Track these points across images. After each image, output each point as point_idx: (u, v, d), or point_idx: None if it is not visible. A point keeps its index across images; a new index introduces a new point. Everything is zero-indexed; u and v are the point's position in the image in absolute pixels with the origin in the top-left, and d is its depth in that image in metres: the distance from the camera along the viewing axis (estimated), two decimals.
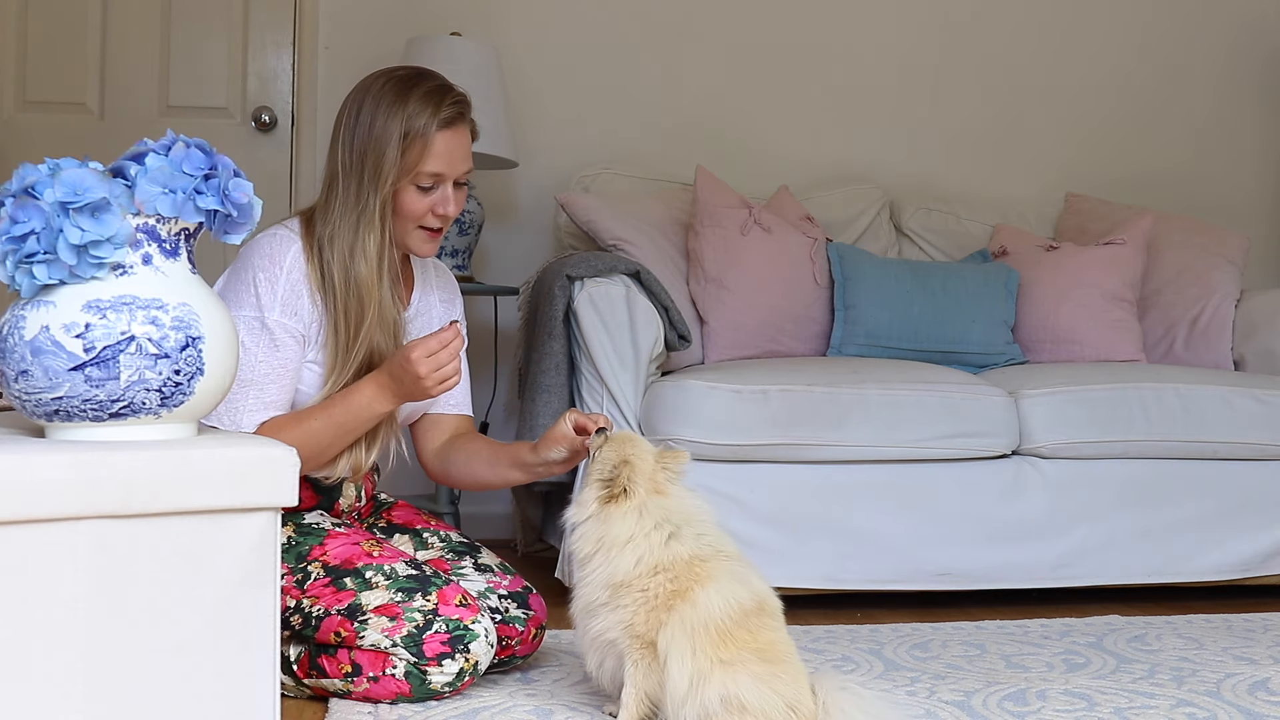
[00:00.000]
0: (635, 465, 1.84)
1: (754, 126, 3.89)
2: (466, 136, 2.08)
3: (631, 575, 1.78)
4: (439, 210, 2.06)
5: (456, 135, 2.05)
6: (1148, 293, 3.52)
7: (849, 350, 3.18)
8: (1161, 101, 4.21)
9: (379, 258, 2.03)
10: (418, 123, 2.00)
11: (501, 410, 3.70)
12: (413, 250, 2.11)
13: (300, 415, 2.00)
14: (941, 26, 4.05)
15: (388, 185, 2.01)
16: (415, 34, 3.48)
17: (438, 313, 2.27)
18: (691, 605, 1.75)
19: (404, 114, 2.00)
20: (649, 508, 1.82)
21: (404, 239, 2.08)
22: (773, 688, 1.70)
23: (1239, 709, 1.99)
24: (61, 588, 1.34)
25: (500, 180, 3.72)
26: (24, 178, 1.41)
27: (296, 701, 1.98)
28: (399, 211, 2.05)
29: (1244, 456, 2.95)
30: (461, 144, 2.06)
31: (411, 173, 2.02)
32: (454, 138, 2.04)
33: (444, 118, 2.02)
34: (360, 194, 2.01)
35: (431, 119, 2.01)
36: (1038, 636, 2.52)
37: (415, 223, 2.07)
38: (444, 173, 2.04)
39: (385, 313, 2.04)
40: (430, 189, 2.05)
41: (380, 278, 2.03)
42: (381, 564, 1.98)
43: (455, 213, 2.09)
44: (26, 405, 1.44)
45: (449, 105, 2.03)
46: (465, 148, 2.07)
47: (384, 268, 2.04)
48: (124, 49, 3.62)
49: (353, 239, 2.01)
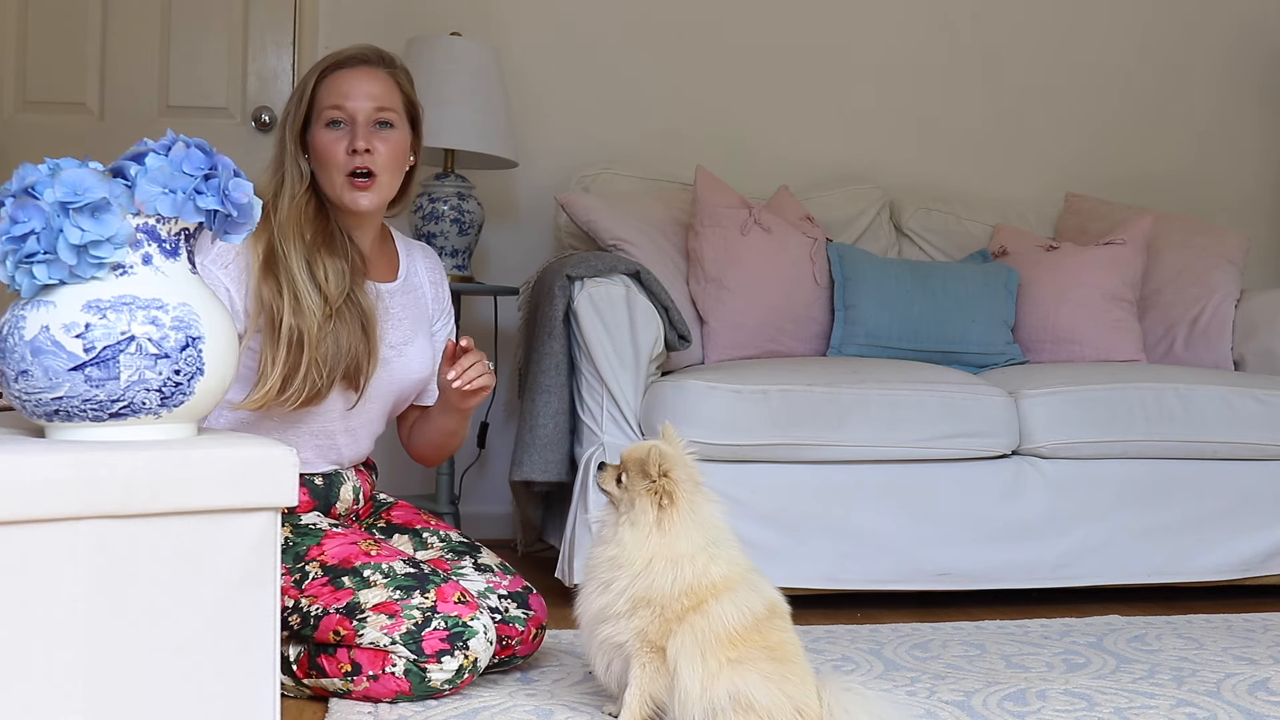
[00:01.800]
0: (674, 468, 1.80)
1: (754, 126, 3.89)
2: (373, 78, 2.11)
3: (666, 594, 1.75)
4: (352, 147, 2.06)
5: (356, 73, 2.10)
6: (1148, 293, 3.52)
7: (849, 350, 3.18)
8: (1162, 102, 4.21)
9: (299, 226, 2.05)
10: (311, 71, 2.12)
11: (501, 410, 3.70)
12: (347, 203, 2.09)
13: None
14: (941, 27, 4.05)
15: (289, 126, 2.08)
16: (415, 34, 3.47)
17: (427, 293, 2.28)
18: (704, 615, 1.74)
19: (312, 68, 2.13)
20: (702, 519, 1.80)
21: (335, 191, 2.09)
22: (781, 688, 1.70)
23: (1239, 709, 1.99)
24: (61, 588, 1.34)
25: (500, 180, 3.72)
26: (24, 178, 1.41)
27: (296, 701, 1.98)
28: (319, 158, 2.08)
29: (1244, 456, 2.95)
30: (363, 81, 2.09)
31: (313, 110, 2.08)
32: (352, 75, 2.10)
33: (339, 59, 2.12)
34: (279, 146, 2.11)
35: (319, 65, 2.12)
36: (1038, 636, 2.52)
37: (336, 167, 2.07)
38: (341, 104, 2.07)
39: (298, 286, 2.01)
40: (339, 127, 2.07)
41: (299, 245, 2.03)
42: (379, 562, 1.98)
43: (385, 154, 2.08)
44: (26, 405, 1.44)
45: (343, 52, 2.13)
46: (369, 86, 2.09)
47: (311, 237, 2.05)
48: (124, 49, 3.61)
49: (274, 192, 2.07)
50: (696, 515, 1.80)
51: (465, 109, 3.26)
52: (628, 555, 1.78)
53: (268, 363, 1.99)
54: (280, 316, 1.99)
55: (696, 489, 1.82)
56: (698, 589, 1.75)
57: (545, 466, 2.74)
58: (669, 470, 1.79)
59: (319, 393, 2.02)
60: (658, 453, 1.80)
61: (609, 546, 1.82)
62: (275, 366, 1.99)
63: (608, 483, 1.85)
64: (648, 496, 1.79)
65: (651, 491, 1.79)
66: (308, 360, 1.99)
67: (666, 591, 1.75)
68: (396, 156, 2.11)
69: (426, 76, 3.09)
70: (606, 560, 1.82)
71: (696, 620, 1.74)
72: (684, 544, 1.77)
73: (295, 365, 1.98)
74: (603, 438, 2.69)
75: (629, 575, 1.77)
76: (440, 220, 3.30)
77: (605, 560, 1.82)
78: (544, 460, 2.74)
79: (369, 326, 2.07)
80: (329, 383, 2.02)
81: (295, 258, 2.01)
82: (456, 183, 3.34)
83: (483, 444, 3.66)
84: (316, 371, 2.00)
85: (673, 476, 1.79)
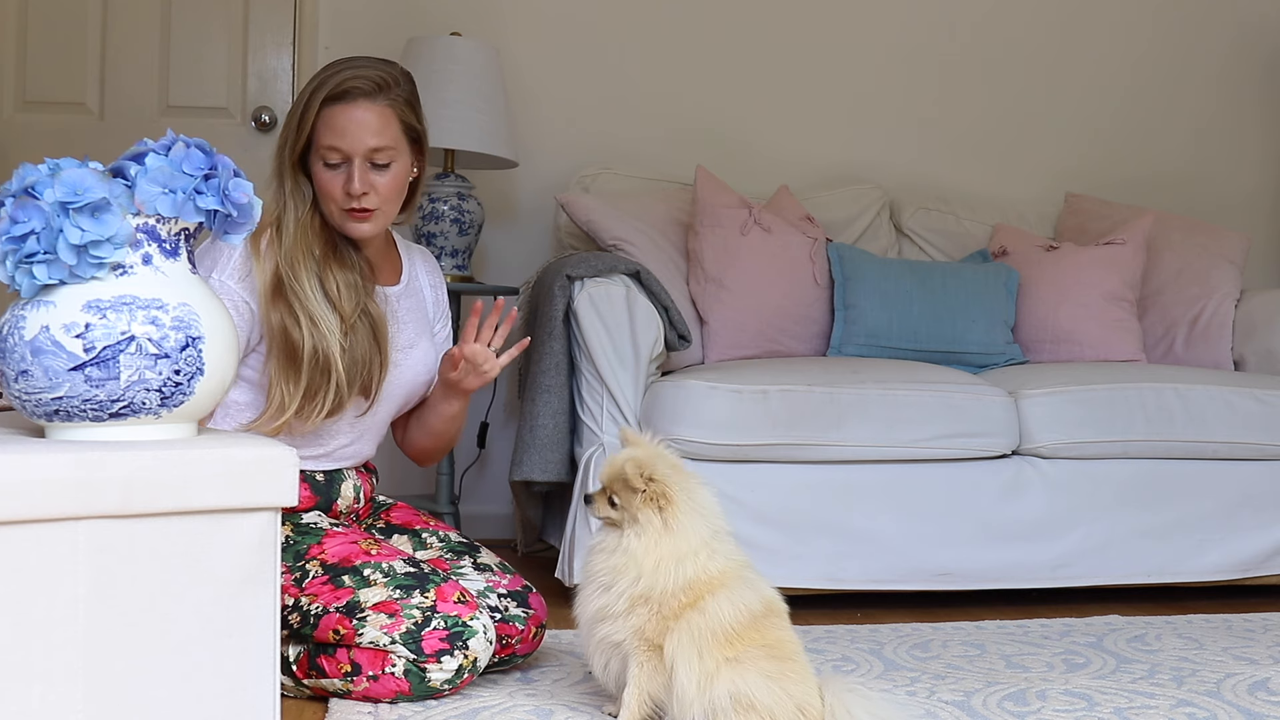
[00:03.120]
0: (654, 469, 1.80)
1: (754, 126, 3.89)
2: (370, 114, 2.02)
3: (667, 591, 1.75)
4: (348, 189, 2.02)
5: (354, 110, 2.01)
6: (1148, 293, 3.52)
7: (849, 350, 3.18)
8: (1162, 102, 4.21)
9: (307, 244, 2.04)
10: (316, 94, 2.02)
11: (501, 410, 3.70)
12: (346, 233, 2.09)
13: None
14: (942, 27, 4.05)
15: (288, 153, 2.04)
16: (415, 34, 3.47)
17: (428, 295, 2.29)
18: (700, 613, 1.74)
19: (312, 86, 2.04)
20: (700, 505, 1.80)
21: (335, 222, 2.08)
22: (783, 687, 1.70)
23: (1239, 709, 1.99)
24: (61, 588, 1.34)
25: (500, 180, 3.72)
26: (24, 178, 1.41)
27: (296, 701, 1.98)
28: (319, 190, 2.07)
29: (1244, 456, 2.95)
30: (360, 119, 2.01)
31: (310, 144, 2.03)
32: (350, 111, 2.01)
33: (331, 93, 2.01)
34: (278, 172, 2.07)
35: (319, 92, 2.01)
36: (1038, 636, 2.52)
37: (334, 203, 2.05)
38: (338, 146, 2.01)
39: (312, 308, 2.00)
40: (336, 166, 2.03)
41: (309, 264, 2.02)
42: (379, 562, 1.98)
43: (383, 190, 2.04)
44: (26, 405, 1.44)
45: (342, 80, 2.01)
46: (366, 125, 2.01)
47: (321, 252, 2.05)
48: (124, 49, 3.61)
49: (278, 215, 2.04)
50: (694, 502, 1.80)
51: (465, 109, 3.26)
52: (636, 562, 1.78)
53: (283, 388, 1.99)
54: (301, 341, 1.98)
55: (683, 476, 1.82)
56: (697, 584, 1.75)
57: (545, 466, 2.74)
58: (652, 474, 1.79)
59: (339, 406, 2.03)
60: (634, 463, 1.80)
61: (613, 555, 1.81)
62: (296, 389, 1.99)
63: (603, 510, 1.84)
64: (646, 507, 1.79)
65: (647, 500, 1.79)
66: (335, 379, 2.00)
67: (668, 588, 1.75)
68: (396, 188, 2.08)
69: (426, 76, 3.09)
70: (609, 568, 1.81)
71: (693, 618, 1.74)
72: (691, 538, 1.78)
73: (320, 385, 1.99)
74: (603, 438, 2.69)
75: (633, 577, 1.77)
76: (440, 220, 3.30)
77: (608, 568, 1.82)
78: (544, 460, 2.74)
79: (380, 334, 2.07)
80: (350, 395, 2.03)
81: (307, 277, 2.01)
82: (456, 183, 3.34)
83: (483, 444, 3.66)
84: (339, 387, 2.00)
85: (658, 478, 1.79)
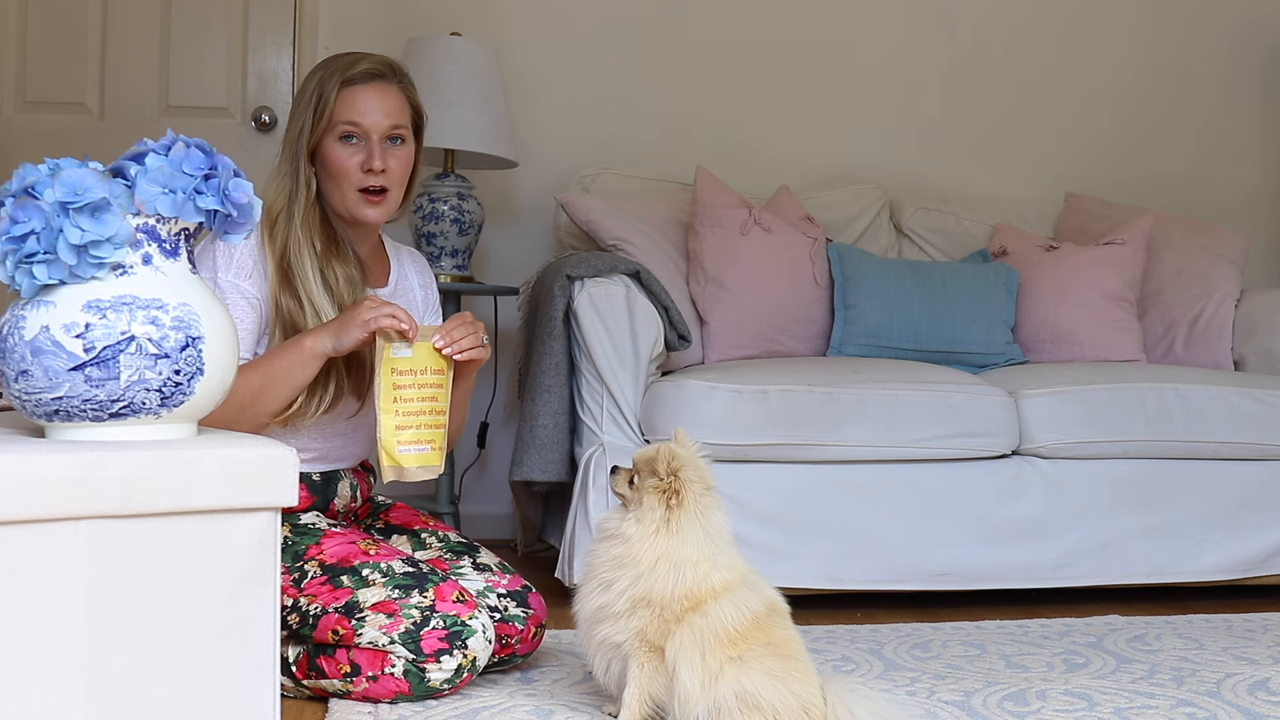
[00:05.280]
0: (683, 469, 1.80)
1: (754, 126, 3.89)
2: (387, 95, 2.11)
3: (666, 596, 1.75)
4: (368, 166, 2.08)
5: (371, 90, 2.10)
6: (1148, 293, 3.52)
7: (849, 350, 3.18)
8: (1162, 102, 4.21)
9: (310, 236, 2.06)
10: (330, 79, 2.10)
11: (501, 410, 3.70)
12: (357, 216, 2.11)
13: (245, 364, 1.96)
14: (942, 27, 4.05)
15: (305, 138, 2.07)
16: (415, 34, 3.47)
17: (418, 295, 2.30)
18: (703, 615, 1.74)
19: (320, 74, 2.11)
20: (710, 526, 1.79)
21: (345, 204, 2.10)
22: (788, 686, 1.70)
23: (1239, 709, 1.99)
24: (61, 588, 1.34)
25: (500, 180, 3.72)
26: (24, 178, 1.41)
27: (296, 702, 1.98)
28: (330, 170, 2.09)
29: (1244, 456, 2.95)
30: (378, 98, 2.10)
31: (328, 124, 2.07)
32: (367, 92, 2.10)
33: (352, 74, 2.10)
34: (293, 158, 2.09)
35: (341, 73, 2.10)
36: (1038, 636, 2.52)
37: (349, 182, 2.08)
38: (358, 121, 2.08)
39: (315, 299, 2.03)
40: (353, 141, 2.08)
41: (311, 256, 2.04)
42: (378, 561, 1.98)
43: (396, 171, 2.11)
44: (26, 405, 1.44)
45: (362, 65, 2.11)
46: (384, 104, 2.10)
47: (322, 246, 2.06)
48: (124, 49, 3.61)
49: (287, 201, 2.06)
50: (705, 521, 1.80)
51: (465, 109, 3.26)
52: (633, 553, 1.78)
53: None
54: (306, 327, 2.01)
55: (706, 493, 1.82)
56: (697, 593, 1.75)
57: (545, 466, 2.74)
58: (678, 470, 1.79)
59: (337, 401, 2.05)
60: (668, 451, 1.81)
61: (614, 544, 1.82)
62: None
63: (621, 486, 1.85)
64: (655, 495, 1.79)
65: (659, 490, 1.79)
66: (335, 371, 2.02)
67: (667, 594, 1.75)
68: (405, 171, 2.14)
69: (426, 76, 3.09)
70: (610, 559, 1.81)
71: (695, 620, 1.74)
72: (689, 549, 1.77)
73: (321, 379, 2.00)
74: (603, 438, 2.69)
75: (632, 575, 1.77)
76: (440, 220, 3.30)
77: (609, 559, 1.81)
78: (544, 460, 2.74)
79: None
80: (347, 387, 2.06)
81: (310, 268, 2.04)
82: (456, 183, 3.34)
83: (483, 444, 3.66)
84: (337, 381, 2.03)
85: (681, 477, 1.79)
